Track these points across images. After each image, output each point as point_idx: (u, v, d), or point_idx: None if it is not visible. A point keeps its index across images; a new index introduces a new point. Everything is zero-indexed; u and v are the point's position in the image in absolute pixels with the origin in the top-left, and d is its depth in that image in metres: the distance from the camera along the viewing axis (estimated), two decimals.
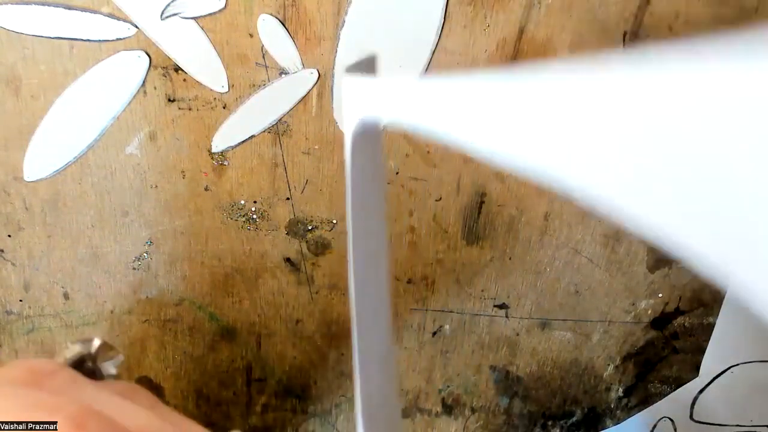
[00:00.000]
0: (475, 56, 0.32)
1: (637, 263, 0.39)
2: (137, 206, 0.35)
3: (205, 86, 0.32)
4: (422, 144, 0.34)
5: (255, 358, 0.40)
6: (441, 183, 0.35)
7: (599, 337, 0.41)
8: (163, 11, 0.30)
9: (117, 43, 0.30)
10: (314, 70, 0.32)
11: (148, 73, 0.31)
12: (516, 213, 0.36)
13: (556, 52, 0.32)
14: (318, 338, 0.40)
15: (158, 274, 0.37)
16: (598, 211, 0.14)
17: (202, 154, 0.33)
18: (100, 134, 0.32)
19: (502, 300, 0.39)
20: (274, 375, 0.40)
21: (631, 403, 0.44)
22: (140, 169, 0.34)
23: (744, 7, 0.32)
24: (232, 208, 0.35)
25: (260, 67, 0.31)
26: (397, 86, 0.15)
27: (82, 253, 0.36)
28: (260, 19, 0.30)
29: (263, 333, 0.39)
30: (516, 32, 0.32)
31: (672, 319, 0.41)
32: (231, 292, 0.38)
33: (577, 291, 0.39)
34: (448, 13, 0.31)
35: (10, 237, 0.35)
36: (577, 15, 0.31)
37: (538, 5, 0.31)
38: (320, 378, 0.41)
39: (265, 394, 0.41)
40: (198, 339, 0.39)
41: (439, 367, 0.41)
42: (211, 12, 0.30)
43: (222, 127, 0.33)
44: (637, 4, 0.31)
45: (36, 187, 0.33)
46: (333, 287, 0.38)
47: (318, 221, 0.36)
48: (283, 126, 0.33)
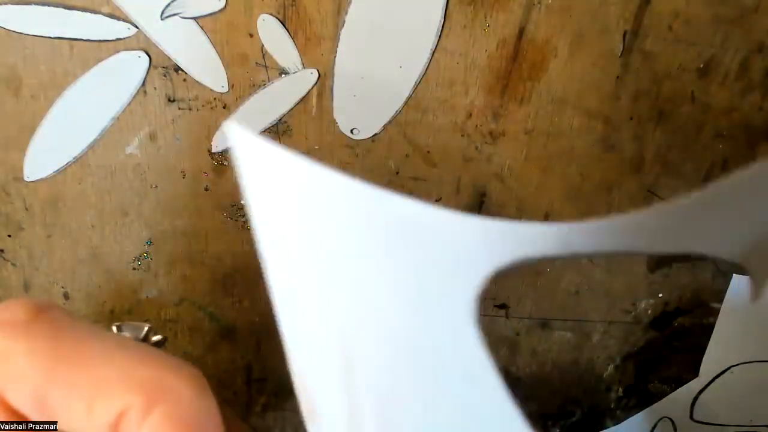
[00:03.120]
0: (475, 56, 0.32)
1: (637, 263, 0.39)
2: (137, 206, 0.35)
3: (205, 86, 0.32)
4: (422, 144, 0.34)
5: (255, 358, 0.40)
6: (441, 183, 0.35)
7: (599, 337, 0.41)
8: (163, 11, 0.30)
9: (117, 43, 0.30)
10: (314, 70, 0.32)
11: (148, 73, 0.31)
12: (516, 213, 0.36)
13: (556, 52, 0.32)
14: None
15: (158, 274, 0.37)
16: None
17: (202, 154, 0.33)
18: (100, 134, 0.32)
19: (502, 300, 0.39)
20: (274, 375, 0.40)
21: (631, 403, 0.44)
22: (140, 169, 0.34)
23: (744, 7, 0.32)
24: (232, 208, 0.35)
25: (260, 67, 0.31)
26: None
27: (82, 253, 0.36)
28: (260, 19, 0.30)
29: (263, 333, 0.39)
30: (516, 32, 0.32)
31: (672, 319, 0.41)
32: (231, 292, 0.38)
33: (577, 291, 0.39)
34: (448, 13, 0.31)
35: (10, 237, 0.35)
36: (577, 15, 0.31)
37: (538, 5, 0.31)
38: None
39: (265, 394, 0.41)
40: (198, 339, 0.39)
41: None
42: (211, 12, 0.30)
43: (222, 127, 0.33)
44: (637, 4, 0.31)
45: (36, 187, 0.34)
46: None
47: None
48: (283, 126, 0.33)
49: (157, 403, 0.14)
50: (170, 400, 0.14)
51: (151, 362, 0.15)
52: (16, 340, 0.14)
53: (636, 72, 0.33)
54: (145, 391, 0.14)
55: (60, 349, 0.14)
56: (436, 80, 0.32)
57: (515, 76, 0.33)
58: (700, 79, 0.33)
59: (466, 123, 0.34)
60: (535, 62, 0.32)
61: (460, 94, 0.33)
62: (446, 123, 0.34)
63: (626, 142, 0.35)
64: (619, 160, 0.35)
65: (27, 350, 0.14)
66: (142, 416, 0.14)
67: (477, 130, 0.34)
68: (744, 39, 0.32)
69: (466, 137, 0.34)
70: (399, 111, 0.33)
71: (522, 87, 0.33)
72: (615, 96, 0.34)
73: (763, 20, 0.32)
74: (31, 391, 0.14)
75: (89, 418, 0.14)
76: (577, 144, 0.35)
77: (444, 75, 0.32)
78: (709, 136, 0.35)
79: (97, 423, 0.14)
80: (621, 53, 0.32)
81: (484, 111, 0.33)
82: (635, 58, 0.33)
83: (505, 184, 0.36)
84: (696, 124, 0.35)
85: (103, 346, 0.15)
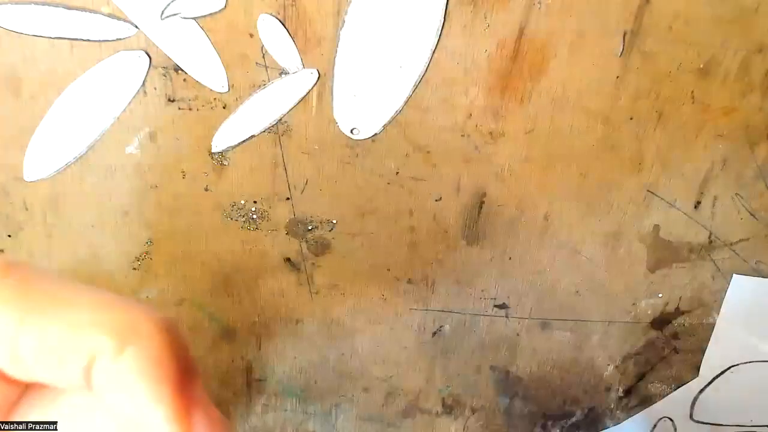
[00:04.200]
0: (475, 56, 0.32)
1: (637, 263, 0.39)
2: (137, 206, 0.35)
3: (205, 86, 0.32)
4: (422, 144, 0.34)
5: (255, 358, 0.40)
6: (441, 183, 0.35)
7: (599, 337, 0.41)
8: (163, 11, 0.30)
9: (117, 43, 0.30)
10: (314, 70, 0.32)
11: (148, 73, 0.31)
12: (516, 213, 0.36)
13: (556, 52, 0.32)
14: (318, 338, 0.40)
15: (158, 274, 0.37)
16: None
17: (202, 154, 0.33)
18: (100, 134, 0.32)
19: (502, 300, 0.39)
20: (274, 375, 0.40)
21: (631, 403, 0.44)
22: (140, 169, 0.34)
23: (744, 7, 0.32)
24: (232, 208, 0.35)
25: (260, 67, 0.31)
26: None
27: (82, 253, 0.36)
28: (260, 19, 0.30)
29: (263, 333, 0.39)
30: (516, 32, 0.32)
31: (672, 319, 0.41)
32: (231, 292, 0.38)
33: (577, 291, 0.39)
34: (448, 13, 0.31)
35: (10, 237, 0.35)
36: (577, 15, 0.31)
37: (538, 5, 0.31)
38: (320, 378, 0.41)
39: (265, 394, 0.41)
40: (198, 339, 0.39)
41: (439, 367, 0.41)
42: (211, 12, 0.30)
43: (222, 127, 0.33)
44: (637, 4, 0.31)
45: (36, 187, 0.33)
46: (333, 287, 0.38)
47: (318, 221, 0.36)
48: (283, 126, 0.33)
49: (127, 344, 0.14)
50: (141, 340, 0.14)
51: (120, 306, 0.15)
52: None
53: (636, 72, 0.33)
54: (115, 333, 0.14)
55: (29, 301, 0.14)
56: (436, 80, 0.32)
57: (515, 76, 0.33)
58: (700, 79, 0.33)
59: (466, 123, 0.34)
60: (535, 62, 0.32)
61: (460, 94, 0.33)
62: (446, 123, 0.34)
63: (626, 142, 0.35)
64: (619, 160, 0.35)
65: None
66: (113, 357, 0.14)
67: (477, 130, 0.34)
68: (744, 39, 0.32)
69: (466, 137, 0.34)
70: (399, 111, 0.33)
71: (522, 87, 0.33)
72: (615, 96, 0.34)
73: (763, 20, 0.32)
74: (3, 344, 0.14)
75: (62, 365, 0.14)
76: (577, 144, 0.35)
77: (444, 75, 0.32)
78: (709, 136, 0.35)
79: (70, 368, 0.14)
80: (621, 53, 0.32)
81: (484, 111, 0.33)
82: (635, 58, 0.33)
83: (505, 184, 0.36)
84: (696, 124, 0.35)
85: (72, 295, 0.15)
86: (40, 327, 0.14)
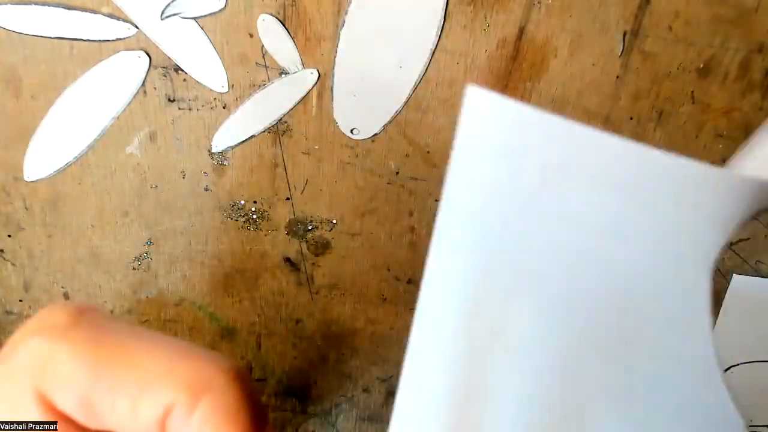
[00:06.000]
0: (475, 56, 0.32)
1: None
2: (137, 206, 0.35)
3: (205, 86, 0.32)
4: (422, 144, 0.34)
5: (255, 358, 0.40)
6: (441, 183, 0.35)
7: None
8: (163, 11, 0.30)
9: (117, 43, 0.30)
10: (314, 70, 0.32)
11: (148, 73, 0.31)
12: None
13: (556, 52, 0.32)
14: (318, 338, 0.40)
15: (158, 274, 0.37)
16: None
17: (202, 154, 0.33)
18: (100, 134, 0.33)
19: None
20: (274, 375, 0.40)
21: None
22: (140, 169, 0.34)
23: (744, 7, 0.32)
24: (232, 208, 0.35)
25: (260, 67, 0.31)
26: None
27: (82, 253, 0.36)
28: (260, 19, 0.30)
29: (263, 333, 0.39)
30: (516, 32, 0.32)
31: None
32: (231, 292, 0.38)
33: None
34: (448, 13, 0.31)
35: (10, 237, 0.35)
36: (577, 15, 0.31)
37: (538, 5, 0.31)
38: (320, 378, 0.41)
39: (265, 394, 0.41)
40: (198, 339, 0.39)
41: None
42: (211, 12, 0.30)
43: (222, 127, 0.33)
44: (637, 4, 0.31)
45: (36, 187, 0.34)
46: (333, 287, 0.38)
47: (318, 221, 0.36)
48: (283, 126, 0.33)
49: (201, 396, 0.14)
50: (213, 392, 0.15)
51: (190, 357, 0.15)
52: (59, 345, 0.15)
53: (636, 72, 0.33)
54: (188, 386, 0.14)
55: (102, 351, 0.15)
56: (436, 80, 0.32)
57: (515, 76, 0.33)
58: (700, 79, 0.33)
59: None
60: (535, 62, 0.32)
61: (460, 94, 0.33)
62: (446, 123, 0.34)
63: None
64: None
65: (70, 354, 0.15)
66: (188, 410, 0.14)
67: None
68: (744, 39, 0.32)
69: None
70: (399, 111, 0.33)
71: (522, 87, 0.33)
72: (615, 96, 0.34)
73: (763, 20, 0.32)
74: (77, 393, 0.14)
75: (136, 416, 0.14)
76: None
77: (444, 75, 0.32)
78: (709, 136, 0.35)
79: (143, 420, 0.14)
80: (621, 53, 0.32)
81: None
82: (635, 58, 0.33)
83: None
84: (696, 124, 0.35)
85: (143, 345, 0.15)
86: (113, 379, 0.15)
